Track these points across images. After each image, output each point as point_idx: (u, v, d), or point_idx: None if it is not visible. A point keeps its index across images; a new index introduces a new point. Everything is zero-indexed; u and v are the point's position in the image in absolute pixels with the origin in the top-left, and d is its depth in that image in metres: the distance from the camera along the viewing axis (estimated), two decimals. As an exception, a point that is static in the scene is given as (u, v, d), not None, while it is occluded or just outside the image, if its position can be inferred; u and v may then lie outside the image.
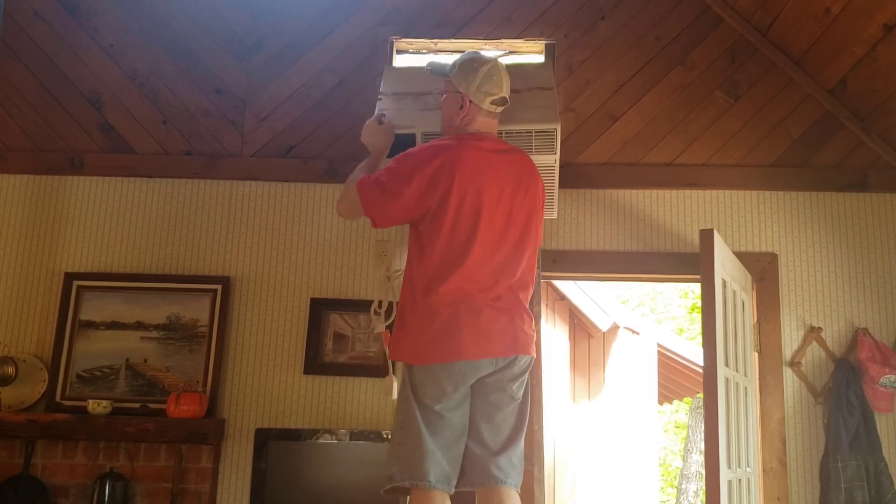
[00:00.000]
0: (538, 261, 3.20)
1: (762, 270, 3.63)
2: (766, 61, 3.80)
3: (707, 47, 3.83)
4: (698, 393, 9.41)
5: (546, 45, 3.90)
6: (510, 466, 2.43)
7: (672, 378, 8.75)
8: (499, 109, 2.63)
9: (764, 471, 3.45)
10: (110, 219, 3.79)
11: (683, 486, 10.46)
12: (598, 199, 3.75)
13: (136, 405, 3.52)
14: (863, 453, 3.37)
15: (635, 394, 7.08)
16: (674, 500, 11.22)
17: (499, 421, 2.45)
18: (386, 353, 2.80)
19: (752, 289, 3.60)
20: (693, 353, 7.94)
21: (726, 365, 3.08)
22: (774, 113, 3.76)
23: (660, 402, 9.32)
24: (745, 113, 3.77)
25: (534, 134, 2.87)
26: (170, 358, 3.60)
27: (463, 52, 2.80)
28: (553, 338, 6.09)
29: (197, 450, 3.48)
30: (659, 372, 7.86)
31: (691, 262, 3.51)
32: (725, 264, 3.19)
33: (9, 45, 3.92)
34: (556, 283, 5.92)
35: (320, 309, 3.64)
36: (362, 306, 3.62)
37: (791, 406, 3.51)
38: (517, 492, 2.44)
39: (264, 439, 3.42)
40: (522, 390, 2.50)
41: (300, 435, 3.42)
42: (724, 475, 2.87)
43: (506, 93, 2.61)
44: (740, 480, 3.14)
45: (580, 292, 6.37)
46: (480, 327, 2.38)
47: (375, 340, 3.57)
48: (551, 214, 3.25)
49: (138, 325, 3.64)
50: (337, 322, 3.64)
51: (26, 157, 3.86)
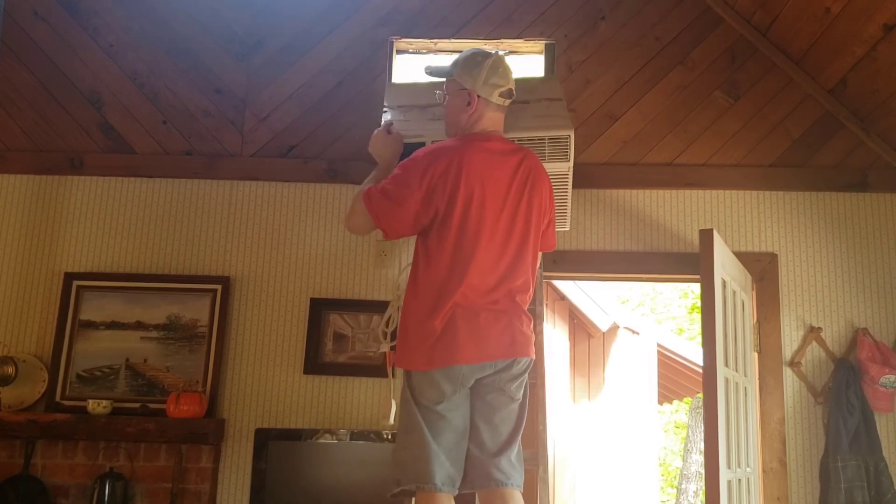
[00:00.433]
0: (539, 261, 3.20)
1: (762, 270, 3.63)
2: (766, 61, 3.80)
3: (707, 47, 3.83)
4: (698, 393, 9.40)
5: (546, 45, 3.90)
6: (510, 467, 2.42)
7: (672, 378, 8.75)
8: (506, 102, 2.58)
9: (764, 471, 3.45)
10: (110, 219, 3.79)
11: (683, 486, 10.47)
12: (598, 199, 3.75)
13: (136, 405, 3.52)
14: (863, 453, 3.37)
15: (635, 394, 7.08)
16: (674, 500, 11.22)
17: (498, 422, 2.44)
18: (390, 373, 2.80)
19: (752, 289, 3.60)
20: (693, 353, 7.93)
21: (726, 365, 3.08)
22: (774, 113, 3.76)
23: (660, 402, 9.32)
24: (745, 113, 3.77)
25: (547, 141, 2.88)
26: (170, 358, 3.60)
27: (478, 49, 2.77)
28: (553, 338, 6.09)
29: (197, 450, 3.48)
30: (659, 372, 7.86)
31: (691, 262, 3.51)
32: (725, 264, 3.19)
33: (9, 45, 3.92)
34: (556, 283, 5.92)
35: (320, 309, 3.64)
36: (362, 306, 3.63)
37: (791, 406, 3.51)
38: (520, 492, 2.44)
39: (264, 439, 3.42)
40: (522, 391, 2.49)
41: (300, 435, 3.42)
42: (724, 475, 2.87)
43: (512, 84, 2.58)
44: (740, 480, 3.14)
45: (580, 292, 6.37)
46: (479, 330, 2.36)
47: (375, 341, 3.57)
48: (564, 226, 3.22)
49: (138, 325, 3.64)
50: (337, 322, 3.63)
51: (26, 157, 3.86)
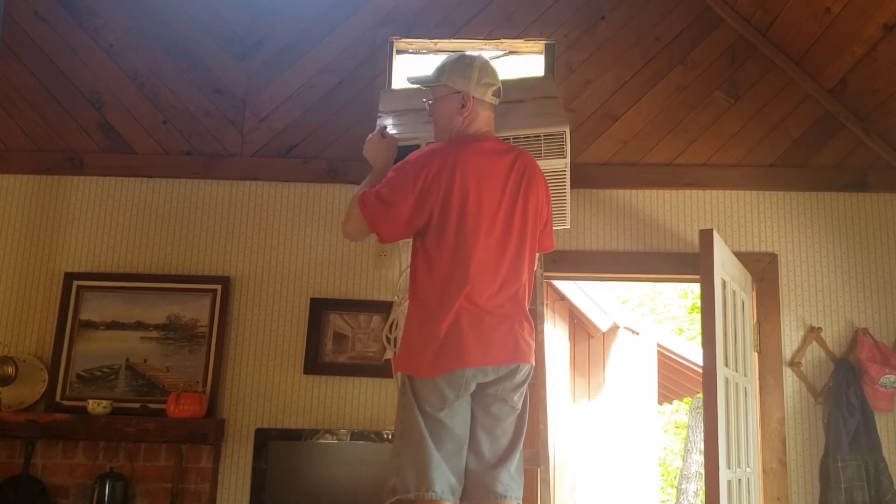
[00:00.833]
0: (539, 261, 3.19)
1: (762, 270, 3.63)
2: (766, 61, 3.80)
3: (707, 47, 3.83)
4: (698, 393, 9.40)
5: (546, 45, 3.90)
6: (510, 479, 2.39)
7: (672, 378, 8.74)
8: (496, 101, 2.61)
9: (764, 471, 3.45)
10: (110, 219, 3.79)
11: (683, 486, 10.47)
12: (598, 199, 3.75)
13: (136, 405, 3.52)
14: (863, 453, 3.37)
15: (635, 394, 7.08)
16: (674, 500, 11.22)
17: (499, 433, 2.41)
18: (396, 379, 2.77)
19: (752, 289, 3.60)
20: (693, 353, 7.92)
21: (726, 365, 3.08)
22: (774, 113, 3.76)
23: (660, 402, 9.32)
24: (745, 113, 3.77)
25: (543, 138, 2.88)
26: (170, 358, 3.60)
27: (462, 52, 2.79)
28: (553, 338, 6.08)
29: (197, 450, 3.48)
30: (659, 372, 7.86)
31: (691, 262, 3.51)
32: (725, 264, 3.19)
33: (9, 45, 3.92)
34: (556, 283, 5.91)
35: (320, 309, 3.64)
36: (362, 306, 3.63)
37: (791, 406, 3.51)
38: None
39: (264, 439, 3.42)
40: (522, 401, 2.47)
41: (300, 435, 3.42)
42: (724, 475, 2.87)
43: (500, 84, 2.62)
44: (740, 480, 3.14)
45: (580, 292, 6.37)
46: (482, 334, 2.34)
47: (375, 341, 3.57)
48: (564, 224, 3.23)
49: (138, 325, 3.64)
50: (337, 322, 3.64)
51: (26, 157, 3.86)
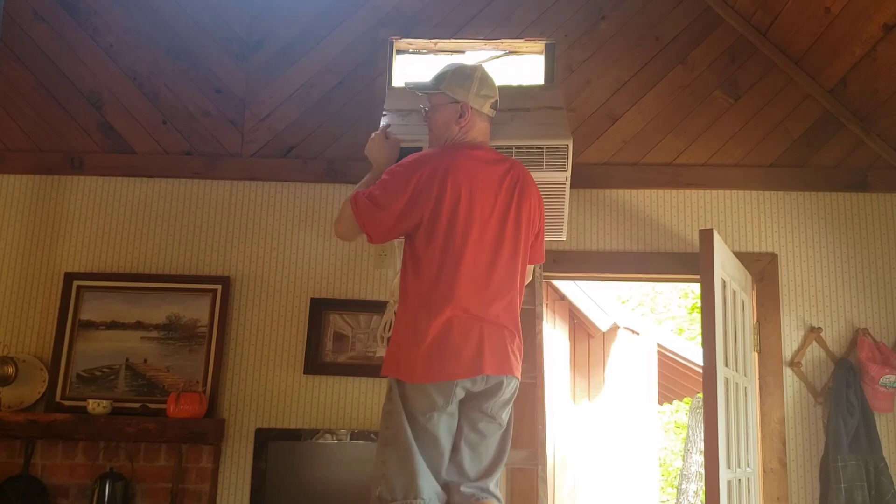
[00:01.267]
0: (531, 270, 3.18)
1: (762, 270, 3.63)
2: (766, 61, 3.80)
3: (707, 47, 3.83)
4: (698, 393, 9.40)
5: (546, 45, 3.90)
6: (488, 495, 2.38)
7: (672, 378, 8.75)
8: (493, 113, 2.61)
9: (764, 471, 3.45)
10: (110, 219, 3.79)
11: (683, 486, 10.46)
12: (598, 199, 3.75)
13: (136, 405, 3.52)
14: (863, 453, 3.37)
15: (635, 394, 7.08)
16: (674, 500, 11.22)
17: (482, 450, 2.41)
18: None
19: (752, 289, 3.60)
20: (693, 353, 7.93)
21: (726, 365, 3.08)
22: (774, 113, 3.76)
23: (660, 402, 9.32)
24: (745, 113, 3.77)
25: (545, 150, 2.86)
26: (170, 358, 3.60)
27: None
28: (553, 338, 6.08)
29: (197, 450, 3.48)
30: (659, 372, 7.86)
31: (691, 262, 3.51)
32: (725, 264, 3.19)
33: (9, 45, 3.93)
34: (556, 282, 5.91)
35: (320, 309, 3.64)
36: (362, 306, 3.63)
37: (791, 406, 3.51)
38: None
39: (264, 439, 3.42)
40: (508, 418, 2.46)
41: (300, 435, 3.42)
42: (724, 475, 2.88)
43: (498, 96, 2.61)
44: (740, 480, 3.14)
45: (580, 292, 6.36)
46: (475, 343, 2.33)
47: (375, 341, 3.57)
48: (560, 236, 3.22)
49: (138, 325, 3.64)
50: (337, 322, 3.64)
51: (26, 157, 3.86)
